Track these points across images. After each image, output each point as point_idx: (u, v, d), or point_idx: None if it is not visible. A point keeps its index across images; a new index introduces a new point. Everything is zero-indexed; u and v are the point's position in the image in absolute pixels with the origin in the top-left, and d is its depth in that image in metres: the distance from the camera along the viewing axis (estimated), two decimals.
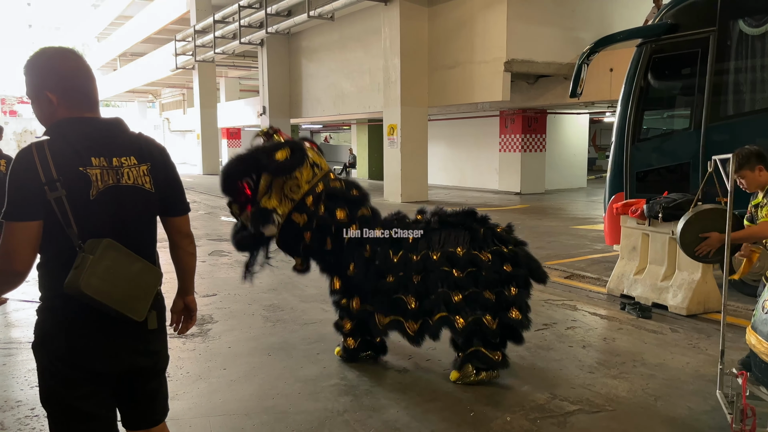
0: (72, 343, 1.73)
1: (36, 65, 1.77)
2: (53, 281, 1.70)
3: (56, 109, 1.76)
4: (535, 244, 8.38)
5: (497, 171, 17.03)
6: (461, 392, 3.56)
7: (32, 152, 1.67)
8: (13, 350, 4.26)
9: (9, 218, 1.65)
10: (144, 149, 1.86)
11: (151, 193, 1.85)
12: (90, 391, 1.77)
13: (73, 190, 1.68)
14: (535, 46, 12.52)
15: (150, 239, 1.89)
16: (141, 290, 1.79)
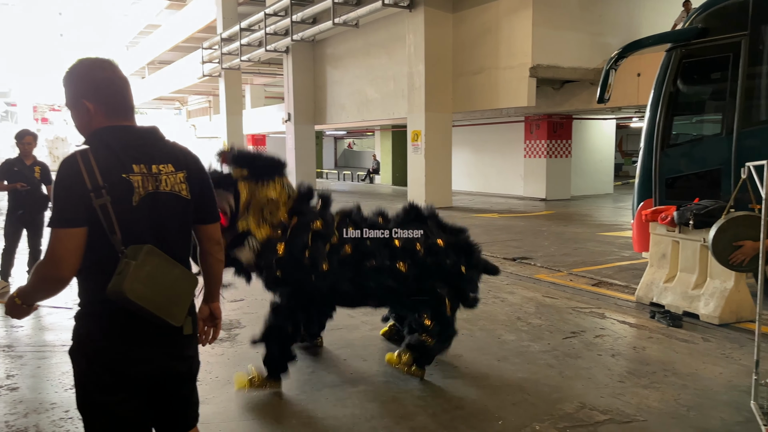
0: (112, 348, 1.76)
1: (74, 75, 1.82)
2: (95, 287, 1.74)
3: (93, 117, 1.80)
4: (561, 250, 8.33)
5: (522, 177, 16.93)
6: (488, 399, 3.54)
7: (77, 160, 1.71)
8: (47, 353, 4.35)
9: (56, 225, 1.68)
10: (180, 157, 1.89)
11: (188, 200, 1.88)
12: (127, 396, 1.80)
13: (117, 196, 1.72)
14: (560, 51, 12.45)
15: (186, 246, 1.92)
16: (179, 296, 1.82)
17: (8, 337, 4.73)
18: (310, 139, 20.52)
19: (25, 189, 6.00)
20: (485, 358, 4.24)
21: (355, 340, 4.58)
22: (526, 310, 5.48)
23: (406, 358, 3.77)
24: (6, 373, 3.95)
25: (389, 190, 20.71)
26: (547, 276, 6.92)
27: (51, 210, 1.70)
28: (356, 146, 42.90)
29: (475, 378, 3.89)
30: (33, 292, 1.80)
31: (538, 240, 9.33)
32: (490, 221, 11.70)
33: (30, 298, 1.82)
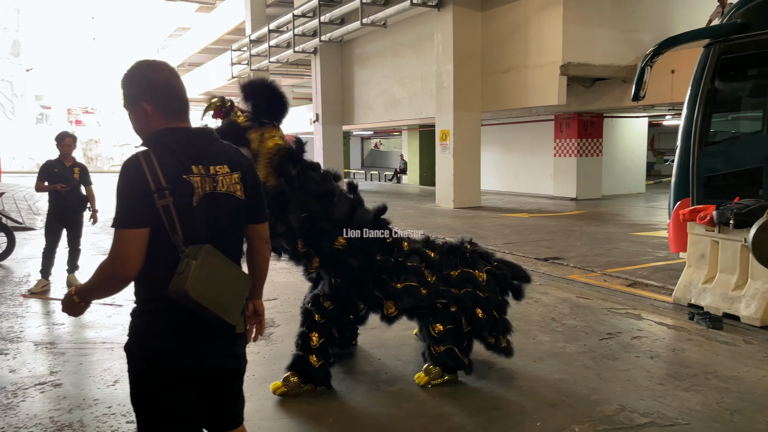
0: (169, 345, 1.79)
1: (131, 78, 1.85)
2: (154, 286, 1.77)
3: (151, 118, 1.83)
4: (594, 250, 8.22)
5: (552, 176, 16.75)
6: (525, 400, 3.51)
7: (140, 161, 1.74)
8: (88, 350, 4.44)
9: (121, 225, 1.71)
10: (234, 158, 1.92)
11: (242, 200, 1.91)
12: (182, 393, 1.83)
13: (179, 197, 1.75)
14: (592, 48, 12.29)
15: (239, 246, 1.95)
16: (236, 294, 1.85)
17: (50, 335, 4.85)
18: (337, 140, 20.60)
19: (65, 190, 6.14)
20: (520, 359, 4.20)
21: (389, 340, 4.58)
22: (560, 311, 5.42)
23: (435, 372, 3.73)
24: (49, 370, 4.04)
25: (416, 190, 20.68)
26: (581, 276, 6.84)
27: (114, 210, 1.73)
28: (383, 146, 42.94)
29: (511, 379, 3.86)
30: (94, 290, 1.84)
31: (569, 240, 9.22)
32: (521, 221, 11.60)
33: (90, 297, 1.88)
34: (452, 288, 3.70)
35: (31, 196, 16.19)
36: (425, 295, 3.62)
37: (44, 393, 3.65)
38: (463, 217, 12.27)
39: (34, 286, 6.25)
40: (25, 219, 11.41)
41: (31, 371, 4.01)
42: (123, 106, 1.89)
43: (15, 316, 5.33)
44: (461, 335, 3.72)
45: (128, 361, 1.86)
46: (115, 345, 4.47)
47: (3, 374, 3.95)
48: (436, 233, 9.92)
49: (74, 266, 6.42)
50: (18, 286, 6.44)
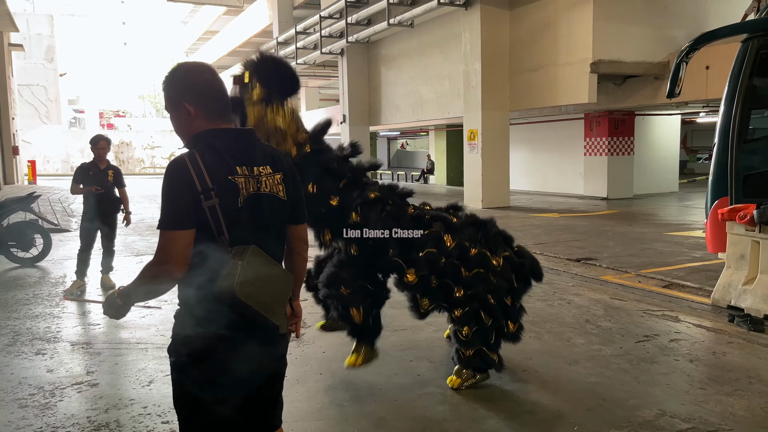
0: (214, 346, 1.79)
1: (174, 80, 1.86)
2: (199, 287, 1.76)
3: (194, 120, 1.83)
4: (627, 251, 8.07)
5: (582, 175, 16.51)
6: (561, 404, 3.44)
7: (186, 162, 1.73)
8: (124, 351, 4.50)
9: (167, 227, 1.71)
10: (276, 159, 1.92)
11: (285, 201, 1.91)
12: (226, 395, 1.82)
13: (224, 198, 1.74)
14: (623, 45, 12.08)
15: (281, 246, 1.95)
16: (280, 295, 1.85)
17: (86, 335, 4.93)
18: (364, 141, 20.62)
19: (100, 192, 6.24)
20: (555, 362, 4.14)
21: (420, 342, 4.55)
22: (594, 313, 5.32)
23: (466, 374, 3.69)
24: (86, 370, 4.10)
25: (444, 190, 20.58)
26: (614, 277, 6.71)
27: (160, 212, 1.73)
28: (409, 146, 42.88)
29: (546, 382, 3.79)
30: (138, 291, 1.85)
31: (601, 240, 9.07)
32: (551, 221, 11.46)
33: (134, 298, 1.88)
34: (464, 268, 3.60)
35: (66, 198, 16.54)
36: (444, 265, 3.56)
37: (81, 393, 3.71)
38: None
39: (70, 287, 6.36)
40: (61, 221, 11.65)
41: (68, 371, 4.08)
42: (165, 108, 1.89)
43: (52, 316, 5.43)
44: (486, 332, 3.65)
45: (171, 362, 1.86)
46: (149, 346, 4.52)
47: (41, 374, 4.02)
48: None
49: (108, 267, 6.53)
50: (54, 287, 6.57)
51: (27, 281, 6.89)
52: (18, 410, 3.44)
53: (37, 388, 3.77)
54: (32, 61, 32.48)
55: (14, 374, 4.01)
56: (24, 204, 7.93)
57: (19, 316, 5.41)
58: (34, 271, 7.51)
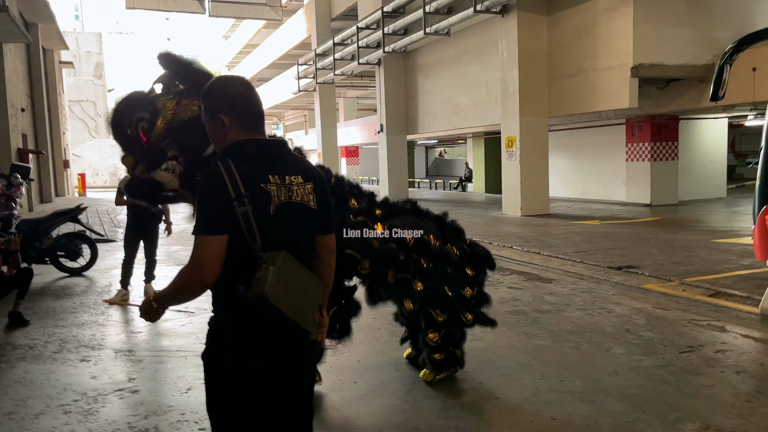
0: (247, 352, 1.81)
1: (211, 92, 1.92)
2: (232, 292, 1.80)
3: (229, 130, 1.88)
4: (671, 259, 7.84)
5: (624, 182, 16.14)
6: (600, 416, 3.36)
7: (221, 170, 1.78)
8: (164, 358, 4.60)
9: (201, 232, 1.76)
10: (307, 169, 1.97)
11: (315, 210, 1.94)
12: (258, 402, 1.85)
13: (257, 205, 1.79)
14: (665, 48, 11.79)
15: (311, 255, 1.97)
16: (311, 301, 1.87)
17: (129, 342, 5.06)
18: (402, 150, 20.66)
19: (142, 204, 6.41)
20: (594, 372, 4.05)
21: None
22: (635, 322, 5.19)
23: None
24: (128, 376, 4.21)
25: (482, 198, 20.42)
26: (657, 286, 6.53)
27: (195, 218, 1.78)
28: (447, 154, 42.75)
29: (584, 393, 3.70)
30: (173, 296, 1.89)
31: (644, 248, 8.84)
32: (592, 228, 11.23)
33: (168, 302, 1.93)
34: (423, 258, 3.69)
35: (113, 209, 17.05)
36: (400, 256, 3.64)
37: (123, 399, 3.80)
38: (531, 225, 12.00)
39: (114, 296, 6.55)
40: (107, 232, 12.02)
41: (111, 378, 4.19)
42: (203, 120, 1.96)
43: (97, 324, 5.59)
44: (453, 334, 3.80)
45: (205, 368, 1.90)
46: (189, 353, 4.61)
47: (85, 380, 4.14)
48: (504, 242, 9.75)
49: (151, 276, 6.69)
50: (100, 296, 6.77)
51: (74, 290, 7.12)
52: (62, 416, 3.56)
53: (81, 394, 3.89)
54: (82, 78, 33.73)
55: (60, 381, 4.14)
56: (72, 216, 8.22)
57: (66, 324, 5.60)
58: (82, 280, 7.76)
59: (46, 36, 20.30)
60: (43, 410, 3.64)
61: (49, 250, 7.87)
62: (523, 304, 5.94)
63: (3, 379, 4.20)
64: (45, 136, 20.20)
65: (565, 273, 7.42)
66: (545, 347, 4.62)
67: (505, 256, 8.71)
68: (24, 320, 5.55)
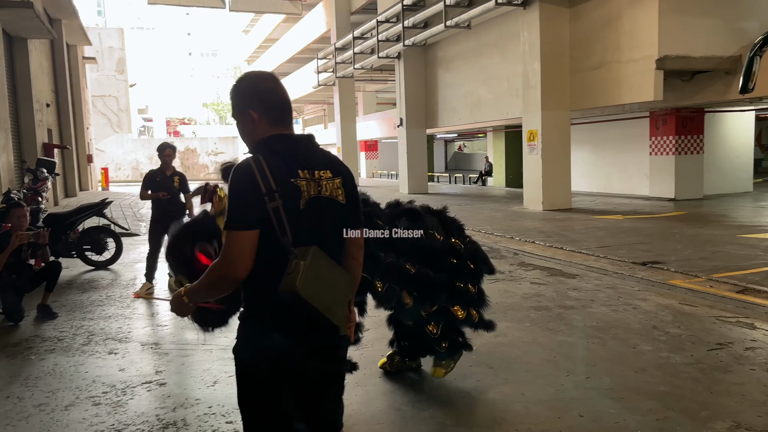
0: (278, 346, 1.82)
1: (240, 88, 1.93)
2: (263, 287, 1.80)
3: (258, 126, 1.89)
4: (697, 254, 7.72)
5: (648, 176, 15.92)
6: (628, 414, 3.32)
7: (251, 166, 1.79)
8: (189, 351, 4.64)
9: (233, 227, 1.76)
10: (335, 164, 1.96)
11: (344, 205, 1.94)
12: (290, 395, 1.85)
13: (287, 200, 1.79)
14: (691, 40, 11.58)
15: (340, 249, 1.97)
16: (341, 296, 1.87)
17: (155, 336, 5.12)
18: (421, 144, 20.60)
19: (167, 198, 6.48)
20: (620, 369, 4.00)
21: (480, 346, 4.47)
22: (662, 319, 5.12)
23: (445, 362, 3.81)
24: (155, 369, 4.26)
25: (503, 192, 20.29)
26: (683, 282, 6.43)
27: (226, 213, 1.79)
28: (467, 148, 42.55)
29: (611, 390, 3.67)
30: (205, 291, 1.90)
31: (669, 243, 8.72)
32: (615, 223, 11.11)
33: (199, 297, 1.95)
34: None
35: (136, 203, 17.26)
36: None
37: (150, 391, 3.85)
38: (552, 220, 11.90)
39: (140, 289, 6.63)
40: (131, 226, 12.16)
41: (139, 370, 4.24)
42: (232, 115, 1.97)
43: (123, 317, 5.67)
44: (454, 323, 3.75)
45: (236, 362, 1.90)
46: (214, 347, 4.65)
47: (113, 373, 4.20)
48: (526, 236, 9.68)
49: None
50: (126, 289, 6.86)
51: (100, 283, 7.22)
52: (92, 408, 3.61)
53: (110, 386, 3.94)
54: (104, 73, 34.10)
55: (89, 373, 4.20)
56: (98, 210, 8.32)
57: (93, 317, 5.68)
58: (107, 273, 7.86)
59: (70, 32, 20.54)
60: (73, 402, 3.70)
61: (76, 243, 7.99)
62: (546, 299, 5.89)
63: (33, 370, 4.28)
64: (69, 131, 20.47)
65: (589, 268, 7.35)
66: (570, 343, 4.58)
67: (527, 251, 8.65)
68: (52, 313, 5.64)
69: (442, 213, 3.94)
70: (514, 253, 8.51)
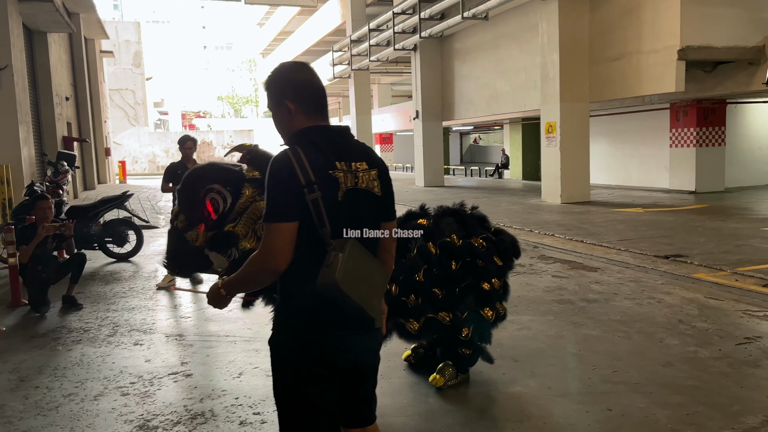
0: (317, 339, 1.82)
1: (276, 79, 1.92)
2: (301, 279, 1.80)
3: (294, 117, 1.89)
4: (721, 247, 7.63)
5: (667, 168, 15.74)
6: (657, 409, 3.29)
7: (290, 157, 1.79)
8: (214, 343, 4.67)
9: (273, 219, 1.76)
10: (371, 156, 1.95)
11: (379, 196, 1.93)
12: (326, 388, 1.85)
13: (326, 191, 1.78)
14: (714, 30, 11.39)
15: (375, 241, 1.96)
16: (377, 288, 1.86)
17: (178, 327, 5.15)
18: (437, 136, 20.51)
19: None
20: (647, 363, 3.96)
21: (503, 339, 4.46)
22: (687, 312, 5.06)
23: (450, 373, 3.68)
24: (180, 360, 4.29)
25: (520, 185, 20.16)
26: (708, 275, 6.36)
27: (265, 206, 1.78)
28: (482, 141, 42.34)
29: (638, 384, 3.63)
30: (243, 283, 1.91)
31: (691, 236, 8.61)
32: (635, 216, 11.00)
33: (237, 289, 1.95)
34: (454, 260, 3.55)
35: (154, 196, 17.40)
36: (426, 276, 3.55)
37: (177, 382, 3.88)
38: (571, 213, 11.81)
39: (162, 281, 6.67)
40: (150, 218, 12.26)
41: (164, 361, 4.28)
42: (268, 107, 1.97)
43: (146, 309, 5.71)
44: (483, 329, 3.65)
45: (272, 354, 1.90)
46: (238, 339, 4.67)
47: (140, 363, 4.24)
48: (545, 230, 9.62)
49: None
50: (147, 281, 6.91)
51: (123, 275, 7.29)
52: (120, 398, 3.65)
53: (137, 377, 3.98)
54: (121, 67, 34.34)
55: (116, 363, 4.25)
56: (119, 202, 8.39)
57: (117, 308, 5.74)
58: (129, 265, 7.93)
59: (88, 25, 20.69)
60: (102, 392, 3.74)
61: (98, 235, 8.07)
62: (569, 292, 5.85)
63: (61, 361, 4.33)
64: (88, 125, 20.66)
65: (610, 261, 7.28)
66: (595, 337, 4.54)
67: (547, 244, 8.59)
68: (78, 304, 5.70)
69: (459, 211, 3.84)
70: (533, 247, 8.46)
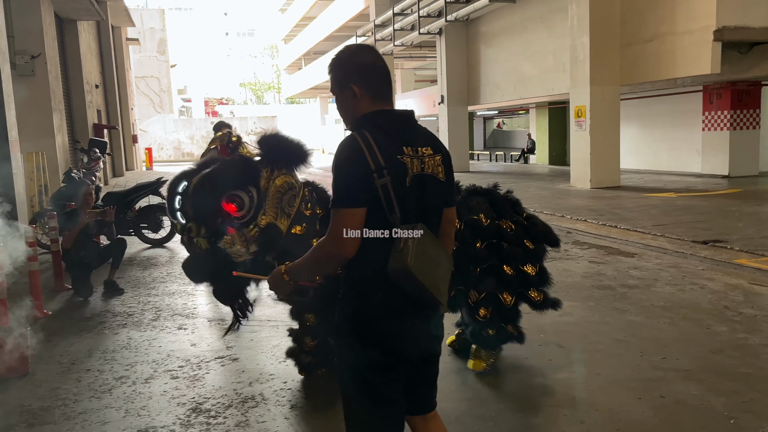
0: (386, 326, 1.80)
1: (341, 61, 1.89)
2: (369, 266, 1.77)
3: (359, 101, 1.85)
4: (761, 232, 7.48)
5: (699, 152, 15.45)
6: (711, 396, 3.24)
7: (359, 142, 1.75)
8: (256, 327, 4.71)
9: (341, 205, 1.73)
10: (435, 141, 1.93)
11: (443, 182, 1.91)
12: (394, 376, 1.84)
13: (395, 177, 1.75)
14: (750, 9, 11.09)
15: (438, 226, 1.94)
16: (444, 273, 1.85)
17: (219, 312, 5.20)
18: (462, 121, 20.36)
19: None
20: (696, 350, 3.91)
21: (546, 326, 4.43)
22: (732, 299, 4.98)
23: (486, 354, 3.65)
24: (225, 345, 4.34)
25: (546, 170, 19.96)
26: (750, 261, 6.24)
27: (333, 191, 1.76)
28: (506, 125, 41.92)
29: (689, 371, 3.58)
30: (310, 269, 1.90)
31: (728, 221, 8.45)
32: (668, 201, 10.82)
33: (302, 275, 1.93)
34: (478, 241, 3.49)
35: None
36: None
37: (224, 366, 3.93)
38: (602, 198, 11.66)
39: None
40: None
41: (209, 345, 4.33)
42: (331, 91, 1.94)
43: (186, 294, 5.78)
44: (505, 309, 3.54)
45: (338, 341, 1.88)
46: (280, 323, 4.70)
47: (186, 347, 4.30)
48: (576, 215, 9.52)
49: None
50: None
51: (159, 261, 7.39)
52: (171, 381, 3.70)
53: (185, 360, 4.04)
54: (146, 54, 34.62)
55: (162, 347, 4.31)
56: (153, 188, 8.48)
57: (158, 293, 5.82)
58: (164, 251, 8.04)
59: (114, 13, 20.84)
60: (153, 375, 3.80)
61: (133, 221, 8.17)
62: (608, 278, 5.79)
63: (109, 344, 4.41)
64: (116, 112, 20.90)
65: (647, 247, 7.18)
66: (639, 323, 4.49)
67: (580, 230, 8.50)
68: (119, 289, 5.80)
69: (492, 192, 3.76)
70: (567, 232, 8.38)
